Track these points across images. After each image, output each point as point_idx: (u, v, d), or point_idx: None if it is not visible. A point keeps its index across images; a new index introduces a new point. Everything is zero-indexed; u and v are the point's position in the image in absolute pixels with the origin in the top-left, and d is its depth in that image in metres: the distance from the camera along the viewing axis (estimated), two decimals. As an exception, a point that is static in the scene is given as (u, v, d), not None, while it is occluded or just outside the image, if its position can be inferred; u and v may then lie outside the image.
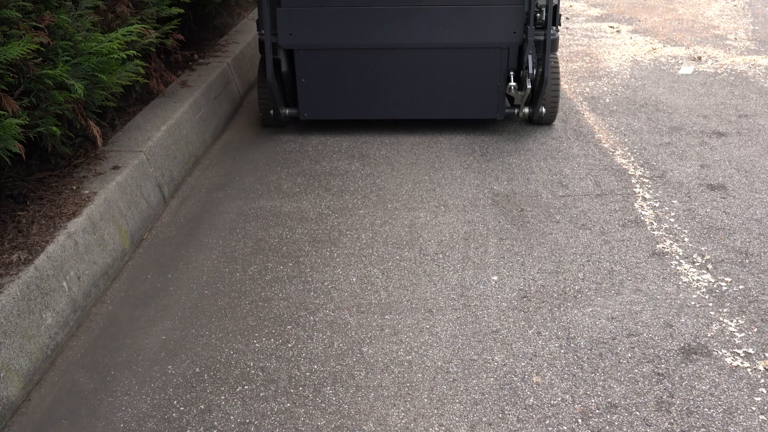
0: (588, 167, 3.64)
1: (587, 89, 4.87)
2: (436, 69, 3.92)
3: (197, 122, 3.91)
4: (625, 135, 4.05)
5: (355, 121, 4.29)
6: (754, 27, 6.62)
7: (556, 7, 3.76)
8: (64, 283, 2.46)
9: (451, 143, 3.97)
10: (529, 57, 3.73)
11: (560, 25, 3.96)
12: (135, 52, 3.18)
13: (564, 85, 4.97)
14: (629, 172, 3.58)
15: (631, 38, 6.27)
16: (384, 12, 3.77)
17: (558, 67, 4.02)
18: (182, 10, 3.97)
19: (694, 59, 5.56)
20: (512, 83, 3.84)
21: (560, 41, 6.18)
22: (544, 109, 4.02)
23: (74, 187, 2.90)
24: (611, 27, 6.73)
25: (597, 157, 3.76)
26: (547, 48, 3.72)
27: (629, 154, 3.80)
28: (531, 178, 3.53)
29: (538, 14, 3.77)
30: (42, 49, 2.65)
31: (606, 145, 3.91)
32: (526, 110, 4.00)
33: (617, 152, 3.82)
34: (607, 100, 4.64)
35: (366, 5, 3.76)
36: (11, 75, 2.50)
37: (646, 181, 3.49)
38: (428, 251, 2.90)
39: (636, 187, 3.42)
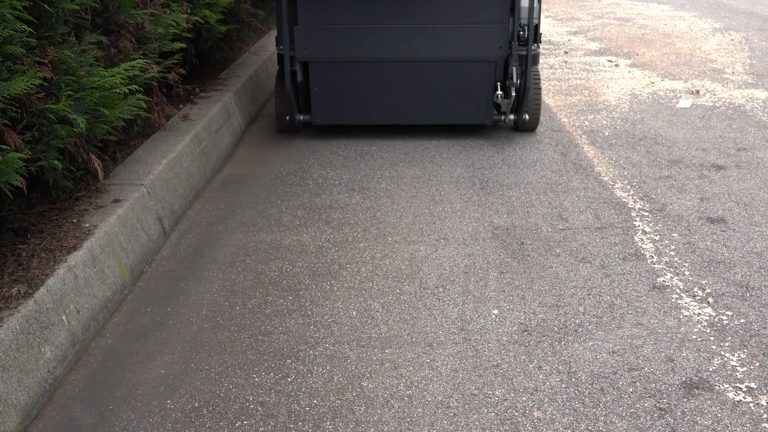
0: (588, 200, 3.65)
1: (586, 122, 4.89)
2: (433, 80, 4.40)
3: (198, 155, 3.93)
4: (624, 168, 4.07)
5: (356, 151, 4.32)
6: (751, 61, 6.68)
7: (537, 27, 4.31)
8: (64, 317, 2.45)
9: (451, 176, 3.98)
10: (514, 69, 4.25)
11: (540, 42, 4.45)
12: (137, 87, 3.21)
13: (563, 118, 5.00)
14: (629, 206, 3.59)
15: (629, 72, 6.32)
16: (388, 30, 4.29)
17: (539, 79, 4.49)
18: (184, 45, 4.01)
19: (692, 93, 5.60)
20: (499, 92, 4.36)
21: (559, 75, 6.24)
22: (527, 116, 4.48)
23: (75, 221, 2.90)
24: (610, 61, 6.79)
25: (597, 191, 3.77)
26: (528, 62, 4.26)
27: (629, 187, 3.81)
28: (531, 211, 3.54)
29: (521, 32, 4.28)
30: (45, 83, 2.67)
31: (605, 179, 3.92)
32: (512, 117, 4.48)
33: (617, 185, 3.83)
34: (607, 134, 4.66)
35: (373, 24, 4.27)
36: (14, 109, 2.52)
37: (646, 214, 3.50)
38: (428, 285, 2.89)
39: (636, 221, 3.43)
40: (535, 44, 4.34)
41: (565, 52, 7.23)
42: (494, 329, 2.60)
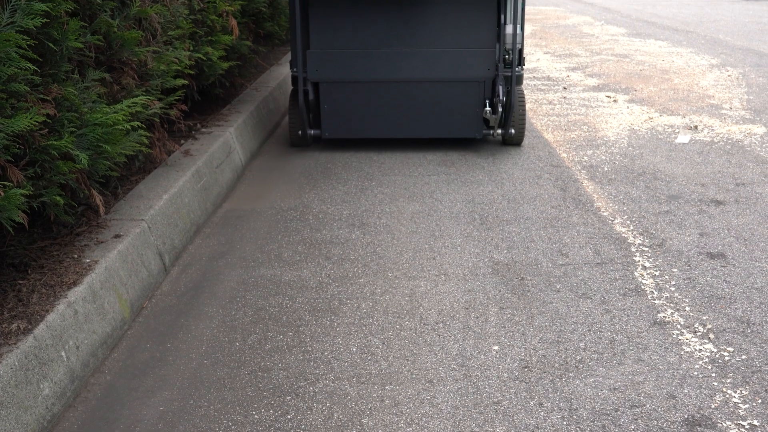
0: (588, 236, 3.66)
1: (585, 158, 4.92)
2: (429, 98, 4.95)
3: (199, 191, 3.95)
4: (624, 203, 4.08)
5: (356, 186, 4.34)
6: (749, 96, 6.73)
7: (520, 51, 4.89)
8: (63, 353, 2.44)
9: (451, 212, 3.99)
10: (500, 88, 4.81)
11: (524, 64, 5.01)
12: (139, 123, 3.23)
13: (563, 153, 5.03)
14: (629, 241, 3.60)
15: (628, 107, 6.37)
16: (390, 54, 4.85)
17: (523, 97, 5.02)
18: (186, 82, 4.05)
19: (690, 128, 5.64)
20: (487, 109, 4.88)
21: (558, 110, 6.29)
22: (513, 130, 5.04)
23: (75, 256, 2.90)
24: (608, 97, 6.84)
25: (596, 226, 3.78)
26: (513, 82, 4.80)
27: (628, 222, 3.82)
28: (531, 246, 3.55)
29: (507, 56, 4.84)
30: (48, 120, 2.70)
31: (605, 214, 3.94)
32: (499, 131, 5.04)
33: (616, 220, 3.84)
34: (606, 169, 4.68)
35: (376, 49, 4.84)
36: (17, 146, 2.54)
37: (646, 249, 3.50)
38: (428, 320, 2.89)
39: (636, 256, 3.43)
40: (519, 66, 4.90)
41: (564, 88, 7.29)
42: (495, 365, 2.59)
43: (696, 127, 5.68)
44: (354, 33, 4.84)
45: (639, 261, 3.38)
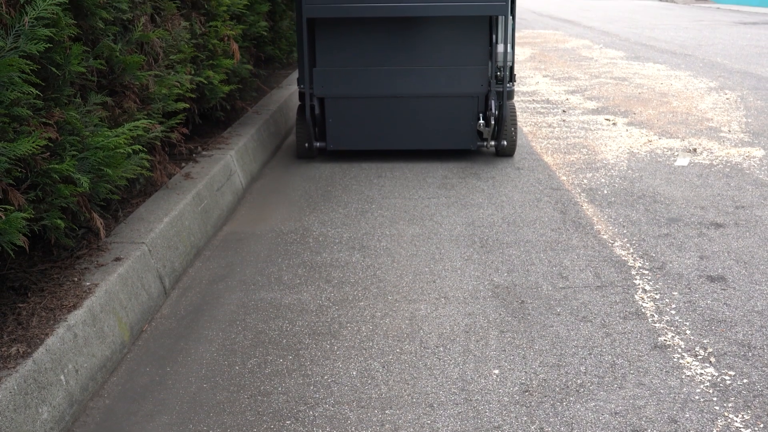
0: (588, 259, 3.66)
1: (585, 181, 4.93)
2: (427, 112, 5.32)
3: (199, 214, 3.96)
4: (623, 226, 4.09)
5: (356, 209, 4.35)
6: (747, 119, 6.76)
7: (512, 68, 5.24)
8: (62, 377, 2.44)
9: (451, 235, 4.00)
10: (492, 103, 5.16)
11: (515, 81, 5.37)
12: (140, 146, 3.25)
13: (562, 176, 5.04)
14: (629, 264, 3.60)
15: (627, 130, 6.40)
16: (391, 71, 5.21)
17: (515, 111, 5.36)
18: (187, 105, 4.07)
19: (689, 151, 5.66)
20: (481, 121, 5.22)
21: (558, 134, 6.32)
22: (505, 142, 5.38)
23: (76, 279, 2.91)
24: (607, 120, 6.87)
25: (596, 249, 3.78)
26: (504, 97, 5.15)
27: (628, 245, 3.82)
28: (531, 269, 3.55)
29: (498, 73, 5.18)
30: (50, 144, 2.71)
31: (605, 237, 3.94)
32: (492, 143, 5.41)
33: (616, 243, 3.85)
34: (605, 192, 4.70)
35: (377, 66, 5.21)
36: (19, 169, 2.55)
37: (646, 272, 3.50)
38: (429, 344, 2.88)
39: (636, 279, 3.43)
40: (510, 83, 5.23)
41: (563, 111, 7.32)
42: (495, 389, 2.58)
43: (695, 149, 5.70)
44: (356, 52, 5.21)
45: (639, 284, 3.38)
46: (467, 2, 4.93)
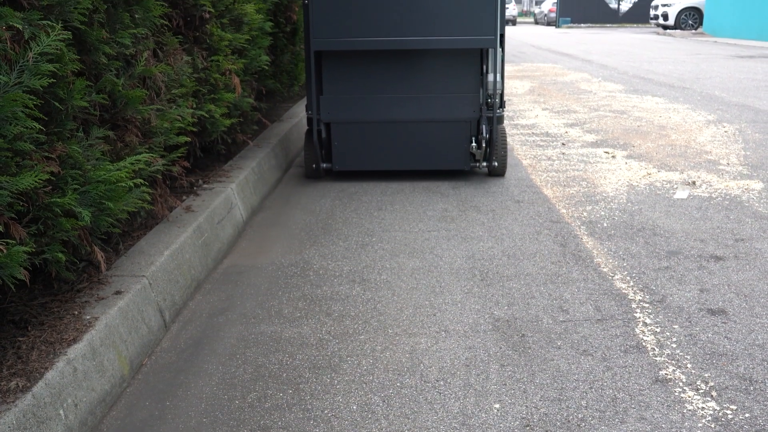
0: (588, 292, 3.66)
1: (585, 214, 4.95)
2: (425, 135, 5.81)
3: (200, 247, 3.96)
4: (623, 259, 4.09)
5: (357, 243, 4.36)
6: (746, 152, 6.80)
7: (501, 95, 5.73)
8: (61, 411, 2.43)
9: (452, 268, 4.00)
10: (484, 127, 5.67)
11: (504, 107, 5.86)
12: (142, 180, 3.27)
13: (562, 209, 5.06)
14: (629, 297, 3.59)
15: (626, 163, 6.43)
16: (391, 98, 5.73)
17: (505, 135, 5.85)
18: (189, 139, 4.10)
19: (688, 184, 5.68)
20: (473, 144, 5.74)
21: (557, 166, 6.35)
22: (496, 163, 5.89)
23: (76, 312, 2.90)
24: (606, 152, 6.91)
25: (596, 282, 3.78)
26: (494, 121, 5.65)
27: (628, 278, 3.82)
28: (531, 302, 3.55)
29: (489, 100, 5.68)
30: (52, 178, 2.73)
31: (605, 270, 3.94)
32: (484, 164, 5.90)
33: (616, 276, 3.85)
34: (605, 225, 4.71)
35: (379, 94, 5.72)
36: (21, 203, 2.56)
37: (647, 305, 3.50)
38: (429, 378, 2.87)
39: (636, 312, 3.43)
40: (500, 109, 5.74)
41: (563, 144, 7.36)
42: (496, 424, 2.57)
43: (694, 182, 5.72)
44: (360, 81, 5.73)
45: (640, 317, 3.38)
46: (460, 36, 5.47)
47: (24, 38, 2.54)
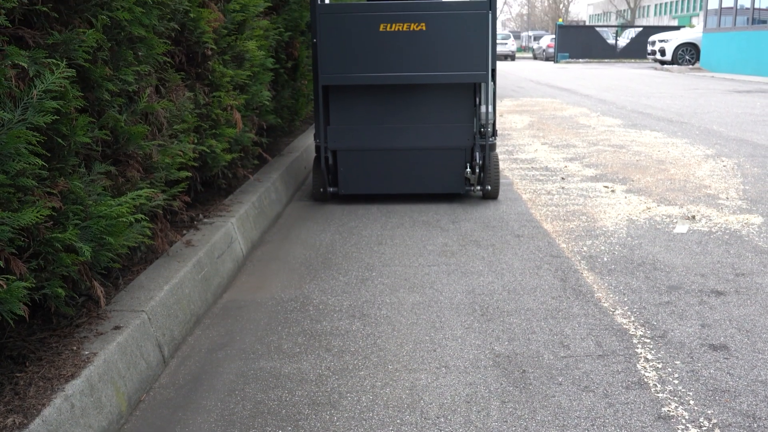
0: (589, 327, 3.65)
1: (584, 248, 4.95)
2: (424, 161, 6.29)
3: (200, 281, 3.96)
4: (624, 294, 4.08)
5: (357, 277, 4.35)
6: (744, 187, 6.82)
7: (494, 124, 6.19)
8: (58, 449, 2.40)
9: (452, 303, 3.99)
10: (477, 154, 6.19)
11: (497, 135, 6.53)
12: (143, 215, 3.27)
13: (562, 244, 5.06)
14: (630, 332, 3.58)
15: (625, 198, 6.44)
16: (393, 128, 6.19)
17: (497, 161, 6.33)
18: (190, 174, 4.12)
19: (688, 218, 5.69)
20: (468, 170, 6.26)
21: (557, 201, 6.36)
22: (489, 187, 6.37)
23: (74, 348, 2.89)
24: (606, 187, 6.93)
25: (597, 317, 3.77)
26: (487, 149, 6.17)
27: (629, 313, 3.81)
28: (532, 338, 3.53)
29: (482, 129, 6.15)
30: (53, 213, 2.73)
31: (606, 305, 3.93)
32: (478, 188, 6.40)
33: (617, 311, 3.84)
34: (605, 259, 4.71)
35: (381, 124, 6.19)
36: (22, 239, 2.57)
37: (648, 341, 3.48)
38: (429, 415, 2.85)
39: (638, 348, 3.41)
40: (492, 137, 6.20)
41: (562, 178, 7.39)
42: (497, 462, 2.54)
43: (694, 217, 5.73)
44: (363, 112, 6.20)
45: (641, 353, 3.36)
46: (456, 72, 5.97)
47: (29, 76, 2.57)
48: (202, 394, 3.06)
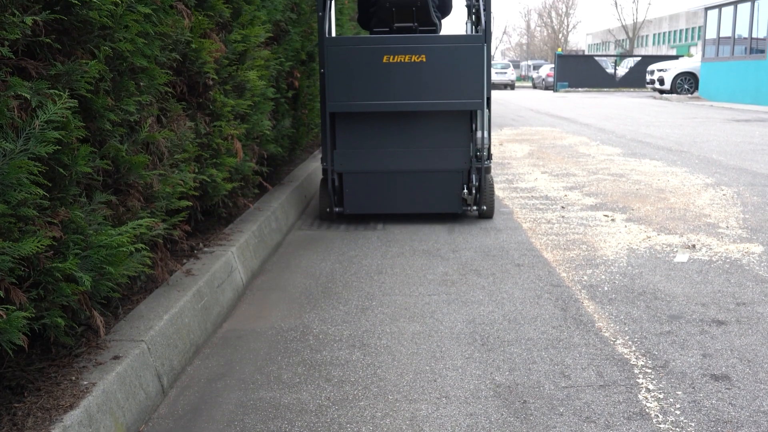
0: (590, 357, 3.63)
1: (585, 277, 4.94)
2: (423, 183, 6.70)
3: (199, 311, 3.95)
4: (625, 324, 4.07)
5: (357, 307, 4.35)
6: (744, 215, 6.83)
7: (489, 149, 6.68)
8: (55, 481, 2.38)
9: (452, 332, 3.98)
10: (473, 176, 6.63)
11: (491, 158, 6.87)
12: (143, 245, 3.28)
13: (562, 273, 5.06)
14: (631, 362, 3.57)
15: (625, 227, 6.45)
16: (394, 152, 6.62)
17: (492, 183, 6.80)
18: (190, 203, 4.13)
19: (688, 247, 5.69)
20: (465, 191, 6.65)
21: (557, 230, 6.37)
22: (485, 207, 6.78)
23: (73, 378, 2.88)
24: (606, 216, 6.94)
25: (598, 347, 3.76)
26: (482, 171, 6.60)
27: (630, 343, 3.80)
28: (533, 368, 3.52)
29: (478, 153, 6.59)
30: (54, 243, 2.74)
31: (606, 334, 3.92)
32: (475, 208, 6.78)
33: (618, 341, 3.82)
34: (606, 288, 4.70)
35: (384, 149, 6.61)
36: (22, 268, 2.57)
37: (649, 371, 3.47)
38: (430, 446, 2.83)
39: (639, 378, 3.40)
40: (487, 161, 6.68)
41: (562, 207, 7.40)
42: (498, 494, 2.52)
43: (694, 246, 5.73)
44: (368, 137, 6.62)
45: (642, 383, 3.34)
46: (453, 100, 6.42)
47: (31, 106, 2.59)
48: (202, 424, 3.04)
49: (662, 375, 3.42)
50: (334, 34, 6.84)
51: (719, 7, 29.02)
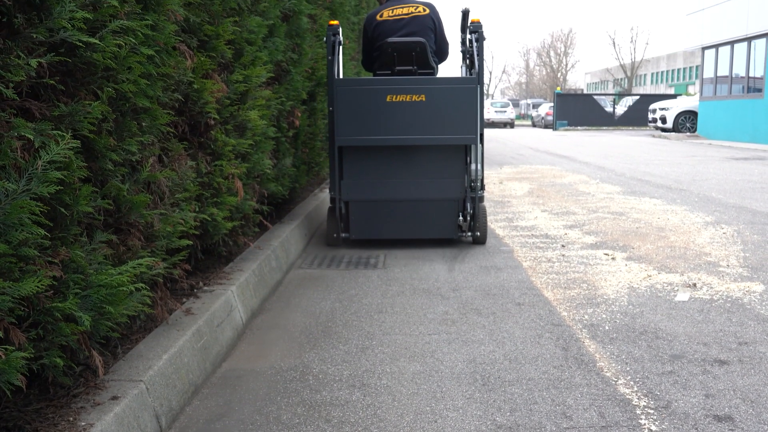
0: (591, 397, 3.61)
1: (586, 317, 4.93)
2: (422, 211, 7.35)
3: (199, 350, 3.93)
4: (626, 363, 4.05)
5: (357, 346, 4.32)
6: (745, 254, 6.83)
7: (482, 180, 7.25)
8: None
9: (453, 372, 3.96)
10: (468, 205, 7.25)
11: (485, 188, 7.48)
12: (143, 284, 3.28)
13: (563, 312, 5.04)
14: (633, 402, 3.54)
15: (626, 265, 6.45)
16: (396, 182, 7.26)
17: (485, 211, 7.44)
18: (191, 242, 4.13)
19: (689, 286, 5.68)
20: (460, 218, 7.30)
21: (557, 269, 6.36)
22: (478, 233, 7.41)
23: (71, 419, 2.86)
24: (606, 254, 6.94)
25: (600, 387, 3.73)
26: (476, 200, 7.25)
27: (632, 383, 3.78)
28: (534, 408, 3.49)
29: (472, 183, 7.21)
30: (54, 282, 2.74)
31: (608, 374, 3.90)
32: (469, 234, 7.45)
33: (620, 381, 3.80)
34: (607, 328, 4.68)
35: (387, 179, 7.26)
36: (22, 308, 2.57)
37: (651, 411, 3.44)
38: (431, 488, 2.80)
39: (641, 419, 3.37)
40: (481, 191, 7.27)
41: (562, 246, 7.40)
42: None
43: (695, 284, 5.72)
44: (373, 169, 7.28)
45: (645, 424, 3.32)
46: (450, 135, 7.08)
47: (34, 147, 2.61)
48: (199, 466, 3.01)
49: (665, 416, 3.40)
50: (341, 76, 7.48)
51: (716, 46, 29.35)
